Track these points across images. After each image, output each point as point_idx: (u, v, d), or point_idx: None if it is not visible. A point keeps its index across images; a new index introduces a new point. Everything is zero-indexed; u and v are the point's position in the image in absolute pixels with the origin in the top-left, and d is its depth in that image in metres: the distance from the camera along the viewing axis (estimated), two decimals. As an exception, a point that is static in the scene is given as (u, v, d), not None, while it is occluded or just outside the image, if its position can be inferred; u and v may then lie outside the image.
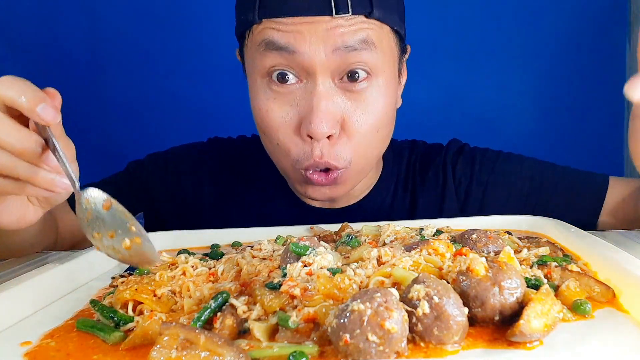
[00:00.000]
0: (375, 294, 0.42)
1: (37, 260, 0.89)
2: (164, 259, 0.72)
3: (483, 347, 0.43)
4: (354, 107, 0.86)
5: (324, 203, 1.04)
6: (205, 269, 0.64)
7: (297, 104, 0.85)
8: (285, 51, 0.82)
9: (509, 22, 1.80)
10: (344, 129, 0.86)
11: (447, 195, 1.06)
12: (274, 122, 0.87)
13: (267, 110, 0.87)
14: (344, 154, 0.87)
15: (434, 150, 1.12)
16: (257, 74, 0.88)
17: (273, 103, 0.87)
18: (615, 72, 1.76)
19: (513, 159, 1.09)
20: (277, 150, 0.91)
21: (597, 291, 0.53)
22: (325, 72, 0.83)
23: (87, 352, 0.48)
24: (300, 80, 0.85)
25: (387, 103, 0.89)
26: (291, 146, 0.88)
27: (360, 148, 0.88)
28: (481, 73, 1.80)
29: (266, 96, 0.87)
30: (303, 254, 0.57)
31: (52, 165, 0.61)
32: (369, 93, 0.86)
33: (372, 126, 0.88)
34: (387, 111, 0.90)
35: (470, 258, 0.50)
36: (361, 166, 0.92)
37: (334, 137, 0.85)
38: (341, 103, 0.85)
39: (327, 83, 0.84)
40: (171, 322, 0.45)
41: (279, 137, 0.88)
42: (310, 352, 0.42)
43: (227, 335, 0.47)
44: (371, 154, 0.93)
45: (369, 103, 0.86)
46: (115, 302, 0.56)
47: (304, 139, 0.86)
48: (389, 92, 0.89)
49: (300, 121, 0.85)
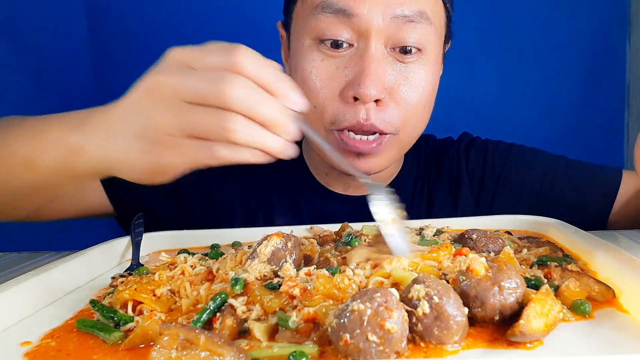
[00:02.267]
0: (375, 294, 0.42)
1: (37, 260, 0.89)
2: (164, 259, 0.72)
3: (483, 347, 0.43)
4: (403, 78, 0.86)
5: (346, 189, 1.03)
6: (204, 268, 0.64)
7: (346, 66, 0.84)
8: (342, 14, 0.81)
9: (509, 22, 1.80)
10: (392, 97, 0.86)
11: (461, 187, 1.06)
12: (318, 83, 0.85)
13: (311, 71, 0.86)
14: (392, 120, 0.86)
15: (446, 143, 1.12)
16: (307, 36, 0.86)
17: (320, 64, 0.85)
18: (615, 72, 1.76)
19: (525, 151, 1.09)
20: (312, 114, 0.87)
21: (597, 291, 0.52)
22: (379, 37, 0.83)
23: (87, 352, 0.48)
24: (352, 44, 0.84)
25: (432, 81, 0.90)
26: (331, 108, 0.86)
27: (408, 119, 0.88)
28: (481, 73, 1.79)
29: (313, 57, 0.86)
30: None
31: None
32: (418, 67, 0.87)
33: (419, 100, 0.88)
34: (432, 89, 0.90)
35: (470, 258, 0.50)
36: (404, 140, 0.91)
37: (382, 102, 0.85)
38: (391, 71, 0.85)
39: (380, 48, 0.83)
40: (171, 323, 0.45)
41: (319, 98, 0.86)
42: (310, 352, 0.42)
43: (227, 336, 0.47)
44: (416, 129, 0.92)
45: (417, 77, 0.87)
46: (114, 302, 0.56)
47: (348, 102, 0.84)
48: (433, 70, 0.90)
49: (346, 84, 0.84)
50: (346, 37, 0.84)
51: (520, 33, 1.80)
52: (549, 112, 1.83)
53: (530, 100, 1.84)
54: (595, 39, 1.78)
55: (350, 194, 1.04)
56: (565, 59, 1.80)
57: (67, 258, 0.72)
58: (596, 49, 1.78)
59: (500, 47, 1.80)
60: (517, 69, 1.82)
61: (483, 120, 1.71)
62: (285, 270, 0.56)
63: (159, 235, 0.91)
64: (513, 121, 1.79)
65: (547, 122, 1.84)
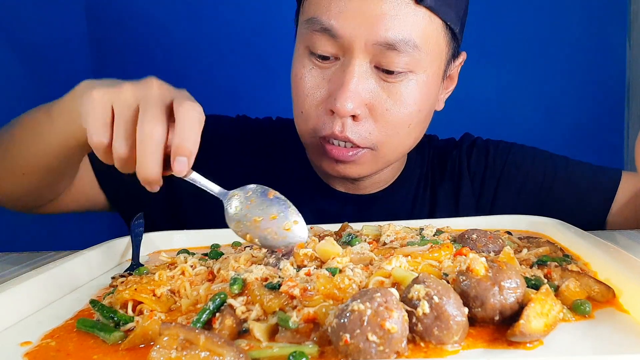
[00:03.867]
0: (375, 294, 0.42)
1: (37, 260, 0.89)
2: (164, 258, 0.72)
3: (483, 347, 0.43)
4: (385, 95, 0.86)
5: (349, 188, 1.04)
6: (204, 268, 0.64)
7: (330, 79, 0.87)
8: (327, 32, 0.83)
9: (509, 22, 1.80)
10: (372, 113, 0.86)
11: (463, 187, 1.06)
12: (304, 90, 0.89)
13: (300, 78, 0.89)
14: (369, 136, 0.87)
15: (449, 144, 1.13)
16: (301, 43, 0.90)
17: (308, 73, 0.89)
18: (615, 72, 1.76)
19: (527, 150, 1.10)
20: (300, 118, 0.92)
21: (597, 291, 0.52)
22: (363, 56, 0.83)
23: (87, 352, 0.48)
24: (338, 57, 0.86)
25: (423, 100, 0.88)
26: (314, 116, 0.89)
27: (387, 136, 0.88)
28: (482, 73, 1.79)
29: (303, 64, 0.89)
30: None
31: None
32: (404, 86, 0.86)
33: (402, 119, 0.87)
34: (421, 108, 0.89)
35: (470, 258, 0.50)
36: (385, 155, 0.92)
37: (359, 118, 0.86)
38: (373, 87, 0.85)
39: (364, 65, 0.84)
40: (171, 323, 0.45)
41: (304, 105, 0.89)
42: (310, 353, 0.42)
43: (227, 336, 0.47)
44: (398, 147, 0.92)
45: (402, 95, 0.86)
46: (114, 302, 0.56)
47: (327, 113, 0.87)
48: (427, 89, 0.88)
49: (328, 96, 0.86)
50: (332, 52, 0.86)
51: (520, 33, 1.80)
52: (549, 112, 1.84)
53: (530, 100, 1.84)
54: (595, 39, 1.78)
55: (352, 192, 1.05)
56: (565, 59, 1.80)
57: (67, 258, 0.72)
58: (596, 49, 1.78)
59: (500, 47, 1.80)
60: (517, 69, 1.82)
61: (483, 120, 1.71)
62: (285, 270, 0.56)
63: (159, 235, 0.91)
64: (513, 121, 1.79)
65: (547, 122, 1.84)
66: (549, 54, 1.80)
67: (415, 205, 1.06)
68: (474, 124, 1.34)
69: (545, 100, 1.83)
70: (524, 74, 1.82)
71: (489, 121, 1.71)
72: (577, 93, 1.82)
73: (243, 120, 1.16)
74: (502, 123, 1.74)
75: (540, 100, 1.84)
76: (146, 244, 0.85)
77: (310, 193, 1.05)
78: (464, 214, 0.99)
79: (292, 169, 1.07)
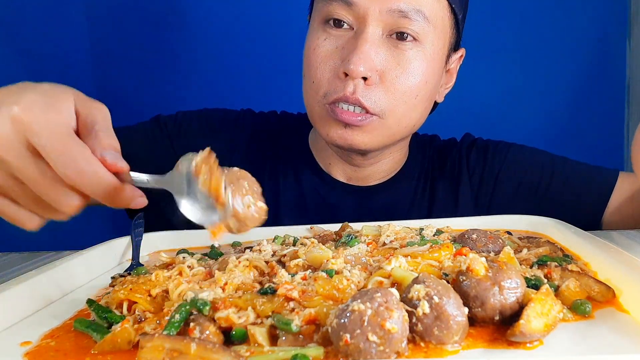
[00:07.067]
0: (376, 294, 0.42)
1: (37, 260, 0.89)
2: (164, 259, 0.72)
3: (483, 347, 0.43)
4: (395, 63, 0.89)
5: (350, 179, 1.06)
6: (202, 269, 0.64)
7: (344, 47, 0.90)
8: (344, 1, 0.88)
9: (509, 22, 1.80)
10: (382, 80, 0.89)
11: (461, 185, 1.07)
12: (317, 58, 0.92)
13: (314, 48, 0.93)
14: (378, 101, 0.89)
15: (449, 144, 1.15)
16: (317, 19, 0.94)
17: (322, 42, 0.92)
18: (615, 72, 1.76)
19: (525, 150, 1.11)
20: (310, 89, 0.94)
21: (597, 291, 0.52)
22: (376, 24, 0.88)
23: (80, 352, 0.48)
24: (352, 27, 0.90)
25: (428, 73, 0.92)
26: (325, 83, 0.91)
27: (395, 105, 0.91)
28: (482, 72, 1.79)
29: (318, 35, 0.93)
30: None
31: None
32: (412, 55, 0.90)
33: (410, 88, 0.91)
34: (427, 80, 0.92)
35: (470, 258, 0.50)
36: (391, 126, 0.93)
37: (370, 81, 0.88)
38: (384, 55, 0.89)
39: (376, 33, 0.88)
40: (152, 334, 0.43)
41: (316, 74, 0.92)
42: (312, 355, 0.42)
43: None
44: (403, 118, 0.94)
45: (411, 64, 0.90)
46: (110, 301, 0.56)
47: (340, 77, 0.89)
48: (432, 64, 0.92)
49: (342, 61, 0.89)
50: (347, 20, 0.90)
51: (520, 33, 1.80)
52: (549, 112, 1.83)
53: (530, 101, 1.84)
54: (595, 39, 1.78)
55: (354, 183, 1.07)
56: (565, 58, 1.80)
57: (67, 258, 0.72)
58: (596, 49, 1.78)
59: (500, 48, 1.80)
60: (517, 69, 1.82)
61: (484, 121, 1.71)
62: (280, 277, 0.55)
63: (159, 235, 0.90)
64: (513, 121, 1.79)
65: (547, 122, 1.83)
66: (549, 54, 1.80)
67: (414, 200, 1.07)
68: (474, 124, 1.34)
69: (545, 100, 1.83)
70: (524, 74, 1.82)
71: (489, 121, 1.71)
72: (577, 93, 1.81)
73: (248, 114, 1.17)
74: (502, 123, 1.74)
75: (540, 101, 1.83)
76: (146, 244, 0.85)
77: (312, 184, 1.07)
78: (463, 210, 1.00)
79: (295, 160, 1.09)
